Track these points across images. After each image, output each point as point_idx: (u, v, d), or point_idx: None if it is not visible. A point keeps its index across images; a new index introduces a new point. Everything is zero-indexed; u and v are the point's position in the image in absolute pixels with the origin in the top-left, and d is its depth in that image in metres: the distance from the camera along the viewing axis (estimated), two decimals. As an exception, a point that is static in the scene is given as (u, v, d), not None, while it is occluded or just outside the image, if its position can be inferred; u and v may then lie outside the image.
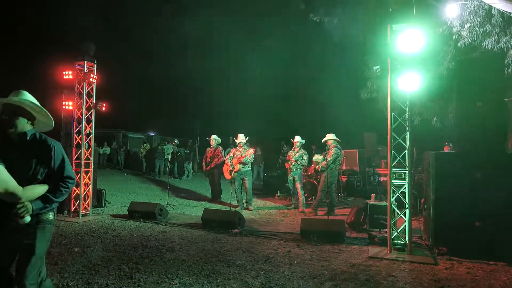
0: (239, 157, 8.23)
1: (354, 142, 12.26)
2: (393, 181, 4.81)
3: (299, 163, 8.12)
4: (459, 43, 7.90)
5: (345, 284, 3.65)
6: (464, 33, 7.53)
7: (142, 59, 24.47)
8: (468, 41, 7.57)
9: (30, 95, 2.38)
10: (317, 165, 8.60)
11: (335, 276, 3.87)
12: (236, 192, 8.17)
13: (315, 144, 12.54)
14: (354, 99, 13.03)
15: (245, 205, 8.28)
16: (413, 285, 3.65)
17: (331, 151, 7.54)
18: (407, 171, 4.75)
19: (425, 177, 5.76)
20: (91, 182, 7.02)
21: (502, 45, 7.26)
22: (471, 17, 7.39)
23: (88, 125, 6.90)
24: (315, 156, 9.13)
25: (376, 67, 4.98)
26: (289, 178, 8.44)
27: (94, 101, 6.87)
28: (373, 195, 6.66)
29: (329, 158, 7.42)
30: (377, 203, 5.94)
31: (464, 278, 3.85)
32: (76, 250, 4.62)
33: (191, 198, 9.93)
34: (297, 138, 8.27)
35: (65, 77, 6.63)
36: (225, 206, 8.39)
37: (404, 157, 4.77)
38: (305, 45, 20.27)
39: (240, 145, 8.36)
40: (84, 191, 6.83)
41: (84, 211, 6.77)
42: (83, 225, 6.15)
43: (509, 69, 7.49)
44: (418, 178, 8.02)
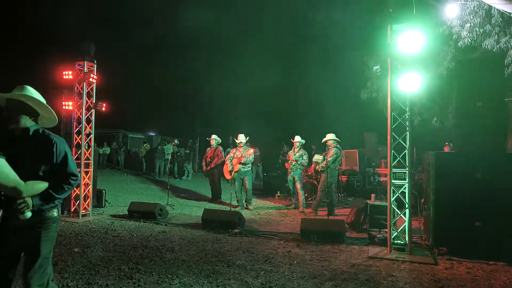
0: (239, 157, 8.23)
1: (354, 142, 12.26)
2: (393, 181, 4.81)
3: (299, 163, 8.12)
4: (459, 43, 7.91)
5: (345, 284, 3.65)
6: (464, 33, 7.54)
7: (142, 59, 24.51)
8: (468, 41, 7.58)
9: (34, 90, 2.34)
10: (317, 166, 8.60)
11: (335, 276, 3.87)
12: (236, 192, 8.17)
13: (315, 144, 12.56)
14: (354, 99, 13.05)
15: (245, 205, 8.29)
16: (413, 285, 3.65)
17: (331, 151, 7.53)
18: (407, 171, 4.75)
19: (425, 177, 5.76)
20: (91, 182, 7.02)
21: (502, 45, 7.27)
22: (471, 17, 7.39)
23: (88, 125, 6.90)
24: (315, 156, 9.13)
25: (376, 67, 4.98)
26: (289, 178, 8.44)
27: (94, 101, 6.87)
28: (373, 195, 6.65)
29: (329, 158, 7.42)
30: (377, 203, 5.94)
31: (464, 278, 3.85)
32: (76, 250, 4.62)
33: (191, 198, 9.93)
34: (297, 138, 8.27)
35: (65, 77, 6.63)
36: (225, 206, 8.39)
37: (404, 157, 4.77)
38: (305, 45, 20.30)
39: (240, 145, 8.36)
40: (84, 191, 6.84)
41: (84, 211, 6.77)
42: (83, 225, 6.15)
43: (509, 69, 7.50)
44: (418, 178, 8.02)
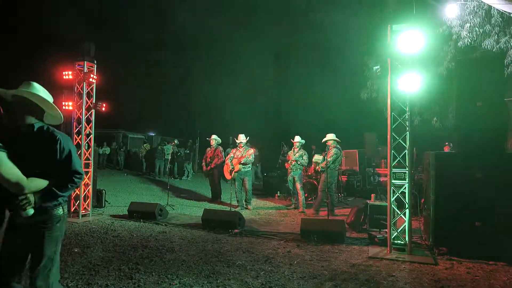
0: (239, 157, 8.23)
1: (354, 142, 12.26)
2: (393, 181, 4.81)
3: (299, 163, 8.11)
4: (459, 43, 7.91)
5: (345, 284, 3.65)
6: (464, 33, 7.54)
7: (142, 59, 24.51)
8: (468, 41, 7.58)
9: (40, 87, 2.33)
10: (317, 166, 8.60)
11: (335, 276, 3.87)
12: (236, 192, 8.17)
13: (315, 144, 12.56)
14: (354, 99, 13.05)
15: (244, 205, 8.29)
16: (413, 285, 3.65)
17: (331, 151, 7.53)
18: (407, 171, 4.75)
19: (425, 177, 5.76)
20: (91, 183, 7.02)
21: (502, 45, 7.27)
22: (471, 17, 7.39)
23: (88, 125, 6.90)
24: (315, 156, 9.13)
25: (376, 67, 4.98)
26: (289, 178, 8.43)
27: (94, 101, 6.87)
28: (373, 195, 6.65)
29: (329, 159, 7.41)
30: (377, 203, 5.94)
31: (464, 278, 3.85)
32: (76, 250, 4.61)
33: (191, 198, 9.92)
34: (297, 138, 8.27)
35: (65, 77, 6.62)
36: (225, 206, 8.39)
37: (404, 157, 4.77)
38: (305, 45, 20.31)
39: (240, 145, 8.36)
40: (84, 191, 6.83)
41: (84, 211, 6.77)
42: (83, 225, 6.15)
43: (508, 69, 7.50)
44: (418, 178, 8.02)
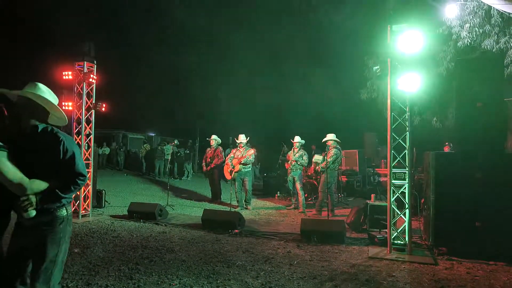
0: (239, 157, 8.23)
1: (354, 142, 12.26)
2: (393, 181, 4.81)
3: (299, 163, 8.11)
4: (458, 44, 7.91)
5: (345, 284, 3.65)
6: (464, 33, 7.54)
7: (142, 60, 24.51)
8: (467, 41, 7.58)
9: (45, 89, 2.32)
10: (317, 166, 8.60)
11: (335, 276, 3.87)
12: (236, 192, 8.17)
13: (314, 144, 12.56)
14: (354, 99, 13.06)
15: (244, 205, 8.28)
16: (413, 285, 3.65)
17: (331, 151, 7.53)
18: (407, 171, 4.75)
19: (425, 177, 5.76)
20: (90, 183, 7.02)
21: (501, 45, 7.27)
22: (471, 17, 7.40)
23: (88, 125, 6.90)
24: (315, 157, 9.13)
25: (376, 67, 4.98)
26: (289, 179, 8.43)
27: (94, 102, 6.87)
28: (373, 195, 6.66)
29: (329, 159, 7.41)
30: (377, 203, 5.94)
31: (464, 278, 3.85)
32: (76, 251, 4.61)
33: (191, 198, 9.92)
34: (296, 139, 8.26)
35: (64, 77, 6.62)
36: (225, 206, 8.39)
37: (404, 157, 4.77)
38: (305, 45, 20.31)
39: (240, 145, 8.36)
40: (84, 191, 6.83)
41: (83, 211, 6.77)
42: (83, 225, 6.14)
43: (508, 69, 7.50)
44: (418, 178, 8.02)
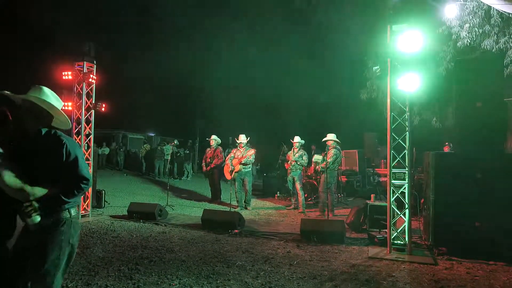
0: (240, 157, 8.23)
1: (354, 142, 12.26)
2: (392, 181, 4.81)
3: (298, 163, 8.10)
4: (458, 44, 7.90)
5: (345, 284, 3.64)
6: (463, 33, 7.53)
7: (142, 60, 24.50)
8: (467, 41, 7.57)
9: (49, 92, 2.30)
10: (317, 165, 8.59)
11: (335, 276, 3.87)
12: (236, 192, 8.17)
13: (314, 144, 12.56)
14: (354, 99, 13.05)
15: (244, 205, 8.28)
16: (413, 285, 3.65)
17: (331, 152, 7.53)
18: (406, 171, 4.75)
19: (424, 177, 5.76)
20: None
21: (501, 45, 7.26)
22: (470, 17, 7.39)
23: (88, 125, 6.90)
24: (315, 156, 9.13)
25: (376, 67, 4.98)
26: (288, 179, 8.43)
27: (94, 102, 6.86)
28: (372, 195, 6.65)
29: (328, 159, 7.42)
30: (377, 203, 5.94)
31: (464, 278, 3.85)
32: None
33: (190, 198, 9.92)
34: (296, 139, 8.26)
35: (64, 77, 6.61)
36: (225, 206, 8.39)
37: (403, 157, 4.77)
38: (305, 45, 20.31)
39: (241, 145, 8.36)
40: (84, 191, 6.82)
41: (83, 212, 6.76)
42: (83, 226, 6.13)
43: (508, 69, 7.50)
44: (417, 178, 8.02)
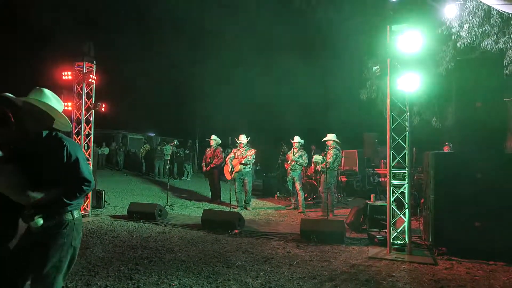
0: (240, 157, 8.22)
1: (353, 143, 12.26)
2: (392, 181, 4.81)
3: (298, 163, 8.10)
4: (458, 44, 7.90)
5: (345, 284, 3.65)
6: (463, 33, 7.53)
7: (142, 60, 24.50)
8: (467, 41, 7.57)
9: (50, 94, 2.30)
10: (317, 165, 8.59)
11: (335, 276, 3.87)
12: (236, 192, 8.17)
13: (314, 144, 12.56)
14: (354, 99, 13.06)
15: (244, 205, 8.28)
16: (412, 285, 3.65)
17: (330, 152, 7.53)
18: (406, 171, 4.75)
19: (424, 177, 5.76)
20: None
21: (501, 45, 7.27)
22: (470, 17, 7.39)
23: (87, 125, 6.90)
24: (315, 157, 9.13)
25: (376, 67, 4.98)
26: (288, 179, 8.42)
27: (93, 102, 6.86)
28: (372, 196, 6.65)
29: (329, 160, 7.42)
30: (376, 203, 5.93)
31: (464, 278, 3.85)
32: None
33: (190, 198, 9.92)
34: (296, 139, 8.26)
35: (64, 77, 6.61)
36: (224, 206, 8.39)
37: (403, 157, 4.77)
38: (304, 45, 20.32)
39: (241, 145, 8.36)
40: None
41: (83, 212, 6.76)
42: (82, 226, 6.13)
43: (507, 69, 7.50)
44: (417, 178, 8.02)
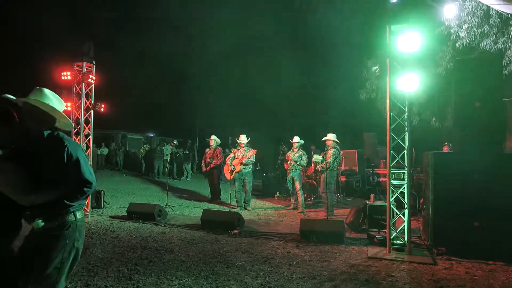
0: (240, 157, 8.22)
1: (353, 143, 12.27)
2: (392, 181, 4.81)
3: (298, 163, 8.10)
4: (457, 44, 7.91)
5: (344, 284, 3.65)
6: (462, 33, 7.54)
7: (141, 60, 24.48)
8: (466, 41, 7.58)
9: (51, 94, 2.29)
10: (317, 165, 8.59)
11: (334, 276, 3.87)
12: (235, 192, 8.17)
13: (314, 144, 12.57)
14: (354, 99, 13.07)
15: (243, 205, 8.28)
16: (412, 285, 3.66)
17: (330, 152, 7.54)
18: (406, 171, 4.75)
19: (424, 177, 5.77)
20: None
21: (500, 45, 7.27)
22: (469, 17, 7.39)
23: (87, 126, 6.89)
24: (315, 156, 9.13)
25: (375, 67, 4.99)
26: (288, 179, 8.42)
27: (93, 102, 6.86)
28: (372, 195, 6.66)
29: (328, 160, 7.42)
30: (376, 203, 5.94)
31: (463, 278, 3.85)
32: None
33: (190, 199, 9.92)
34: (295, 139, 8.26)
35: (63, 77, 6.61)
36: (224, 206, 8.39)
37: (403, 157, 4.77)
38: (304, 45, 20.33)
39: (241, 145, 8.35)
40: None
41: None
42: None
43: (507, 70, 7.51)
44: (417, 178, 8.03)
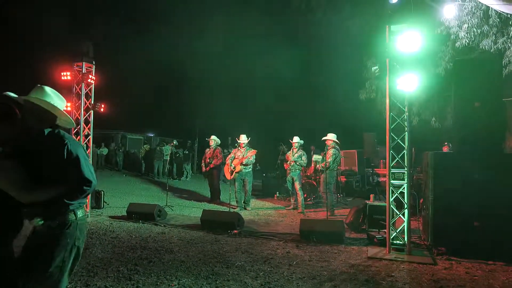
0: (240, 158, 8.21)
1: (353, 143, 12.27)
2: (392, 181, 4.81)
3: (298, 164, 8.10)
4: (456, 44, 7.91)
5: (344, 284, 3.65)
6: (462, 33, 7.54)
7: (141, 60, 24.48)
8: (465, 41, 7.58)
9: (52, 92, 2.28)
10: (317, 164, 8.59)
11: (334, 276, 3.87)
12: (235, 192, 8.16)
13: (313, 144, 12.57)
14: (353, 99, 13.08)
15: (243, 206, 8.28)
16: (412, 285, 3.65)
17: (330, 152, 7.54)
18: (406, 171, 4.75)
19: (424, 177, 5.77)
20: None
21: (499, 45, 7.28)
22: (469, 17, 7.39)
23: (87, 126, 6.89)
24: (314, 156, 9.14)
25: (375, 67, 4.99)
26: (288, 179, 8.42)
27: (93, 102, 6.86)
28: (372, 196, 6.66)
29: (328, 159, 7.42)
30: (376, 203, 5.94)
31: (463, 278, 3.85)
32: (75, 251, 4.60)
33: (190, 199, 9.91)
34: (295, 139, 8.26)
35: (63, 78, 6.61)
36: (224, 206, 8.39)
37: (403, 157, 4.78)
38: (304, 45, 20.34)
39: (241, 145, 8.35)
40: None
41: (82, 212, 6.74)
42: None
43: (506, 70, 7.51)
44: (416, 178, 8.03)
